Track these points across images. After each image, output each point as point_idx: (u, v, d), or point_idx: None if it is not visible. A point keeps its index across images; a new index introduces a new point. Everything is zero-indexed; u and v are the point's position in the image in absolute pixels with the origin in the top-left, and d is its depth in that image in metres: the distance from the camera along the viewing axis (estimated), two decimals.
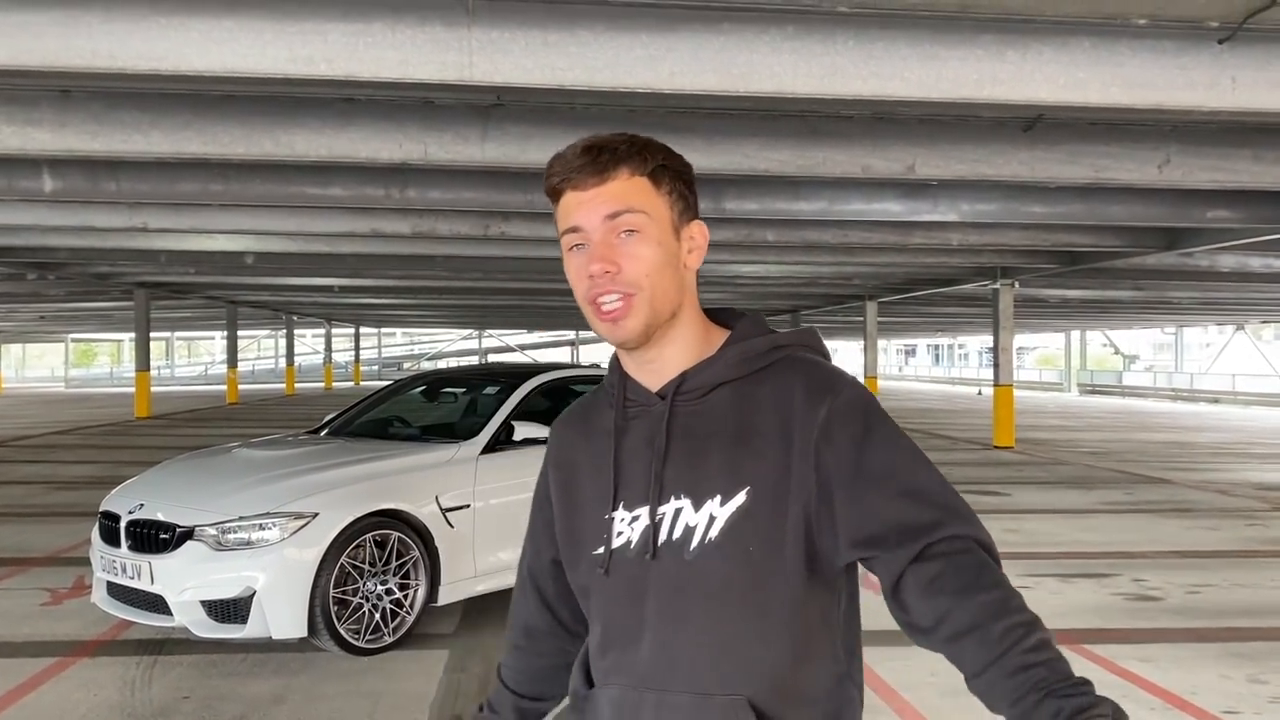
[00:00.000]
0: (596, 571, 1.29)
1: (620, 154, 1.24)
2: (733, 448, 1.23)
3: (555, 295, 24.65)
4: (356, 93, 6.49)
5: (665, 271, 1.24)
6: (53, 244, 13.81)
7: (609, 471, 1.30)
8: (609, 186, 1.23)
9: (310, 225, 11.13)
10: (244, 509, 4.86)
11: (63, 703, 4.34)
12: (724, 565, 1.20)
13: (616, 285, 1.22)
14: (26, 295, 23.82)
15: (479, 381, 7.37)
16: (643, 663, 1.24)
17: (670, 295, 1.25)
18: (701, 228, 1.31)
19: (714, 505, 1.22)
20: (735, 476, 1.22)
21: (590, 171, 1.23)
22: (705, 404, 1.26)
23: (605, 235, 1.23)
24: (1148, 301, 23.93)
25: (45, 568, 6.92)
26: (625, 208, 1.22)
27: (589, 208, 1.23)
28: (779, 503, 1.20)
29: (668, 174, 1.26)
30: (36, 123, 6.47)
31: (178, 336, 58.33)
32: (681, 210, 1.28)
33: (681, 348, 1.29)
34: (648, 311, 1.23)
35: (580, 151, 1.24)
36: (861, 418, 1.22)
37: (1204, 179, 7.46)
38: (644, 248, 1.23)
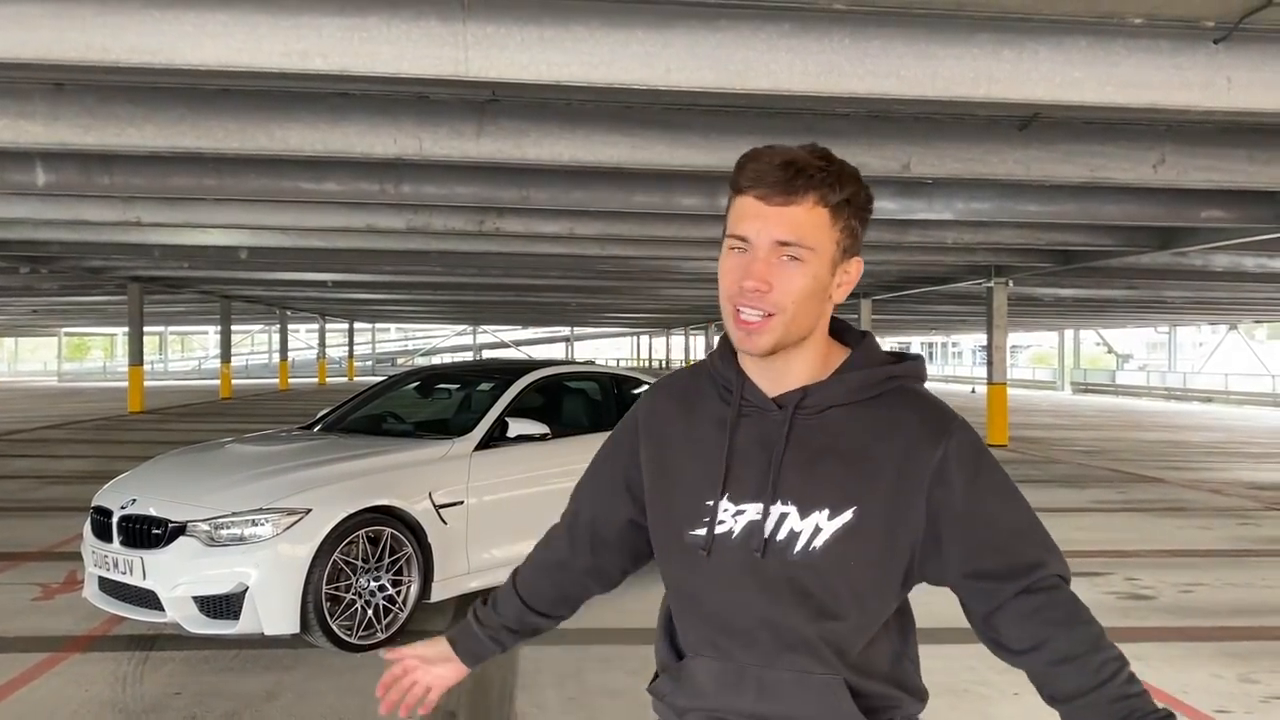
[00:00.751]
0: (693, 553, 1.38)
1: (814, 180, 1.28)
2: (844, 468, 1.32)
3: (550, 291, 24.65)
4: (351, 87, 6.47)
5: (811, 301, 1.31)
6: (45, 238, 13.77)
7: (718, 463, 1.38)
8: (791, 211, 1.28)
9: (304, 220, 11.10)
10: (237, 504, 4.85)
11: (54, 698, 4.33)
12: (826, 572, 1.31)
13: (763, 303, 1.29)
14: (19, 289, 23.75)
15: (473, 378, 7.36)
16: (741, 640, 1.37)
17: (808, 322, 1.33)
18: (859, 264, 1.37)
19: (820, 517, 1.32)
20: (845, 495, 1.32)
21: (780, 189, 1.28)
22: (821, 420, 1.35)
23: (769, 254, 1.29)
24: (1141, 301, 23.99)
25: (37, 562, 6.90)
26: (797, 240, 1.28)
27: (764, 225, 1.29)
28: (886, 528, 1.31)
29: (848, 210, 1.31)
30: (29, 116, 6.44)
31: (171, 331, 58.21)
32: (847, 247, 1.34)
33: (804, 363, 1.37)
34: (782, 333, 1.31)
35: (778, 165, 1.28)
36: (973, 462, 1.33)
37: (1199, 179, 7.47)
38: (800, 277, 1.29)
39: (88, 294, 26.08)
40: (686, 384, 1.50)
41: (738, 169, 1.32)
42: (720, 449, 1.38)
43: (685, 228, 11.33)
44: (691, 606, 1.42)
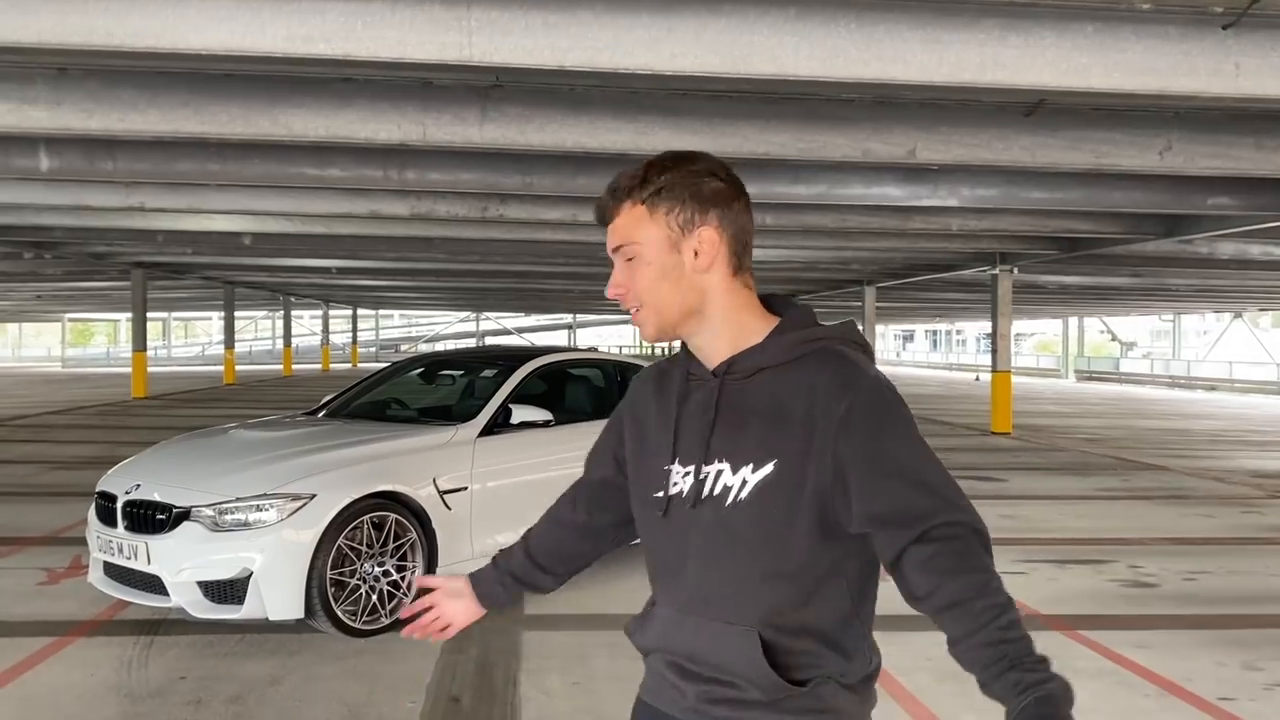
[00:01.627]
0: (655, 513, 1.55)
1: (622, 190, 1.50)
2: (766, 425, 1.44)
3: (553, 279, 24.63)
4: (355, 73, 6.45)
5: (663, 284, 1.48)
6: (49, 223, 13.77)
7: (671, 431, 1.54)
8: (614, 223, 1.51)
9: (308, 206, 11.09)
10: (241, 490, 4.85)
11: (59, 682, 4.34)
12: (748, 521, 1.44)
13: (629, 300, 1.52)
14: (23, 274, 23.77)
15: (477, 364, 7.36)
16: (685, 591, 1.52)
17: (675, 302, 1.49)
18: (709, 232, 1.48)
19: (747, 471, 1.44)
20: (766, 450, 1.43)
21: (603, 213, 1.53)
22: (749, 384, 1.47)
23: (618, 262, 1.52)
24: (1146, 288, 23.93)
25: (42, 547, 6.92)
26: (622, 241, 1.50)
27: (608, 240, 1.53)
28: (799, 477, 1.41)
29: (664, 197, 1.47)
30: (32, 101, 6.43)
31: (175, 317, 58.25)
32: (684, 223, 1.47)
33: (712, 337, 1.51)
34: (657, 318, 1.50)
35: (605, 191, 1.53)
36: (878, 414, 1.40)
37: (1205, 165, 7.44)
38: (642, 269, 1.49)
39: (91, 279, 26.09)
40: (664, 369, 1.65)
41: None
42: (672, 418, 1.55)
43: None
44: (652, 560, 1.60)
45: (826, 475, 1.40)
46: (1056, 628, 5.30)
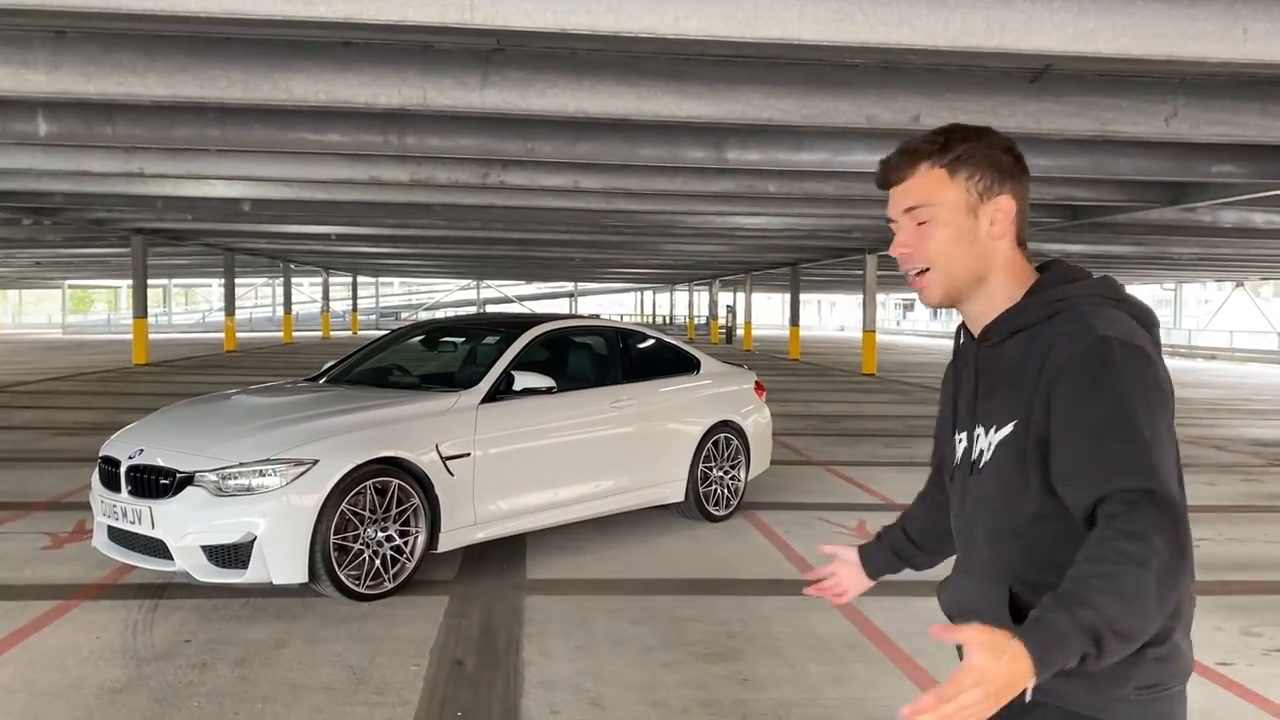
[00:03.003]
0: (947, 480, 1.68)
1: (921, 152, 1.52)
2: (1007, 386, 1.48)
3: (554, 246, 24.56)
4: (355, 36, 6.39)
5: (957, 248, 1.51)
6: (48, 188, 13.72)
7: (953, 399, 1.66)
8: (907, 183, 1.53)
9: (308, 172, 11.04)
10: (244, 455, 4.86)
11: (65, 645, 4.37)
12: (991, 482, 1.51)
13: (914, 262, 1.54)
14: (23, 240, 23.72)
15: (478, 331, 7.36)
16: (964, 553, 1.63)
17: (966, 266, 1.52)
18: (1008, 200, 1.51)
19: (994, 434, 1.50)
20: (1008, 410, 1.47)
21: (895, 173, 1.55)
22: (1002, 349, 1.51)
23: (905, 222, 1.55)
24: (1148, 257, 23.88)
25: (45, 512, 6.95)
26: (918, 202, 1.52)
27: (894, 201, 1.56)
28: (1024, 432, 1.44)
29: (969, 163, 1.49)
30: (31, 64, 6.38)
31: (175, 284, 58.19)
32: (982, 191, 1.50)
33: (988, 305, 1.54)
34: (944, 281, 1.53)
35: (897, 153, 1.55)
36: (1090, 371, 1.37)
37: (1211, 132, 7.39)
38: (935, 230, 1.51)
39: (91, 246, 26.04)
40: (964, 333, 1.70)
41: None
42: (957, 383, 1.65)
43: (691, 181, 11.26)
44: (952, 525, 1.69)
45: (1044, 426, 1.41)
46: None
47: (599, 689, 4.00)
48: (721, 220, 16.28)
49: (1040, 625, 1.21)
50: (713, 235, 19.76)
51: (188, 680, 4.00)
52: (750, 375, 7.66)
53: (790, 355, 28.60)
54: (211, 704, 3.78)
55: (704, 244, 22.77)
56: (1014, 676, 1.17)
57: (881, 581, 1.96)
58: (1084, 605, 1.21)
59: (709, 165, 9.35)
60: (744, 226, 17.22)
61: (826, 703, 3.92)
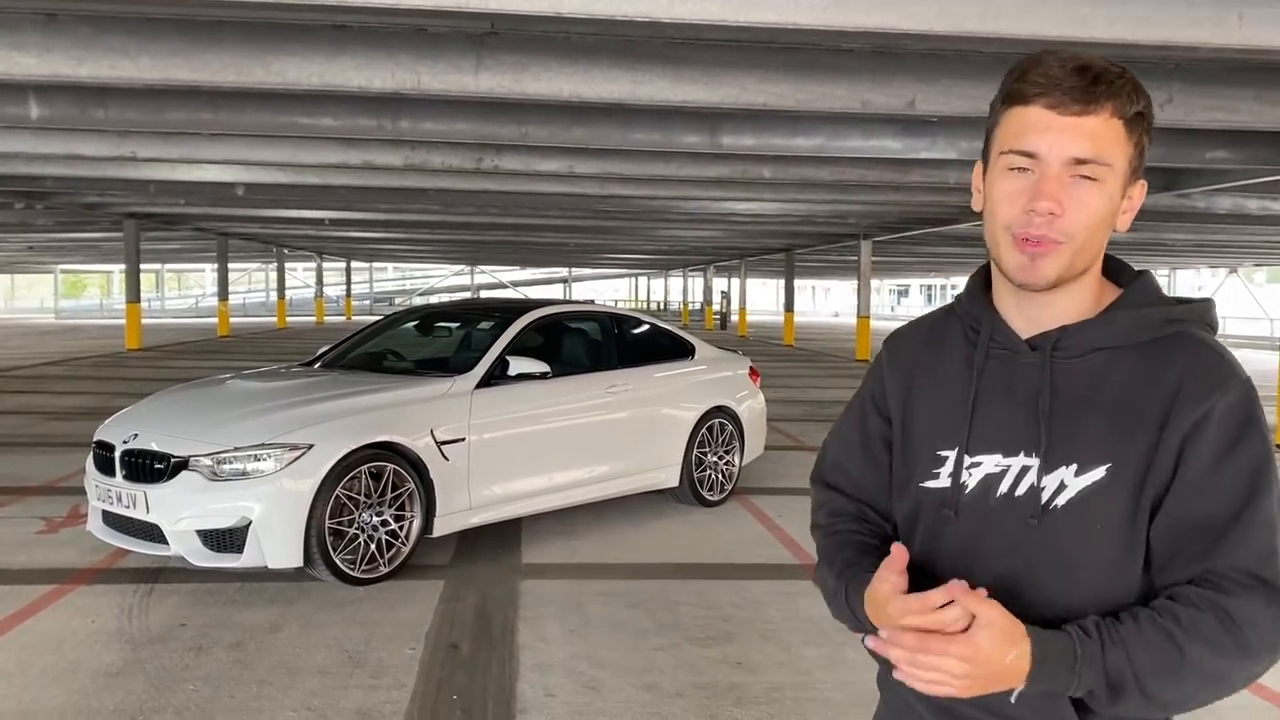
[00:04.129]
0: (928, 505, 1.28)
1: (1114, 88, 1.14)
2: (1103, 420, 1.18)
3: (548, 231, 24.51)
4: (348, 19, 6.36)
5: (1102, 229, 1.18)
6: (40, 172, 13.63)
7: (960, 408, 1.26)
8: (1088, 122, 1.14)
9: (301, 156, 10.99)
10: (239, 440, 4.87)
11: (61, 629, 4.38)
12: (1067, 537, 1.18)
13: (1053, 230, 1.15)
14: (15, 225, 23.59)
15: (473, 316, 7.36)
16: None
17: (1094, 251, 1.20)
18: (1143, 189, 1.23)
19: (1067, 473, 1.18)
20: (1099, 451, 1.17)
21: (1078, 96, 1.13)
22: (1080, 365, 1.21)
23: (1061, 173, 1.14)
24: (1142, 243, 23.90)
25: (40, 496, 6.95)
26: (1095, 156, 1.14)
27: (1059, 139, 1.14)
28: (1138, 490, 1.16)
29: (1142, 124, 1.18)
30: (22, 47, 6.33)
31: (168, 269, 57.93)
32: (1137, 167, 1.20)
33: (1071, 302, 1.23)
34: (1068, 263, 1.17)
35: (1072, 70, 1.14)
36: (1238, 425, 1.15)
37: (1205, 118, 7.39)
38: (1096, 197, 1.15)
39: (83, 230, 25.90)
40: (937, 325, 1.38)
41: (1019, 74, 1.17)
42: (963, 394, 1.26)
43: (685, 166, 11.23)
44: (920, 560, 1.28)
45: (1163, 485, 1.15)
46: None
47: (594, 672, 4.02)
48: (716, 205, 16.24)
49: (1061, 640, 1.09)
50: (707, 220, 19.73)
51: (183, 664, 4.02)
52: (745, 361, 7.68)
53: (785, 341, 28.63)
54: (207, 687, 3.79)
55: (699, 229, 22.74)
56: (1008, 674, 1.07)
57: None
58: (1120, 648, 1.09)
59: (704, 150, 9.31)
60: (739, 212, 17.19)
61: (820, 685, 3.95)
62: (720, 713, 3.69)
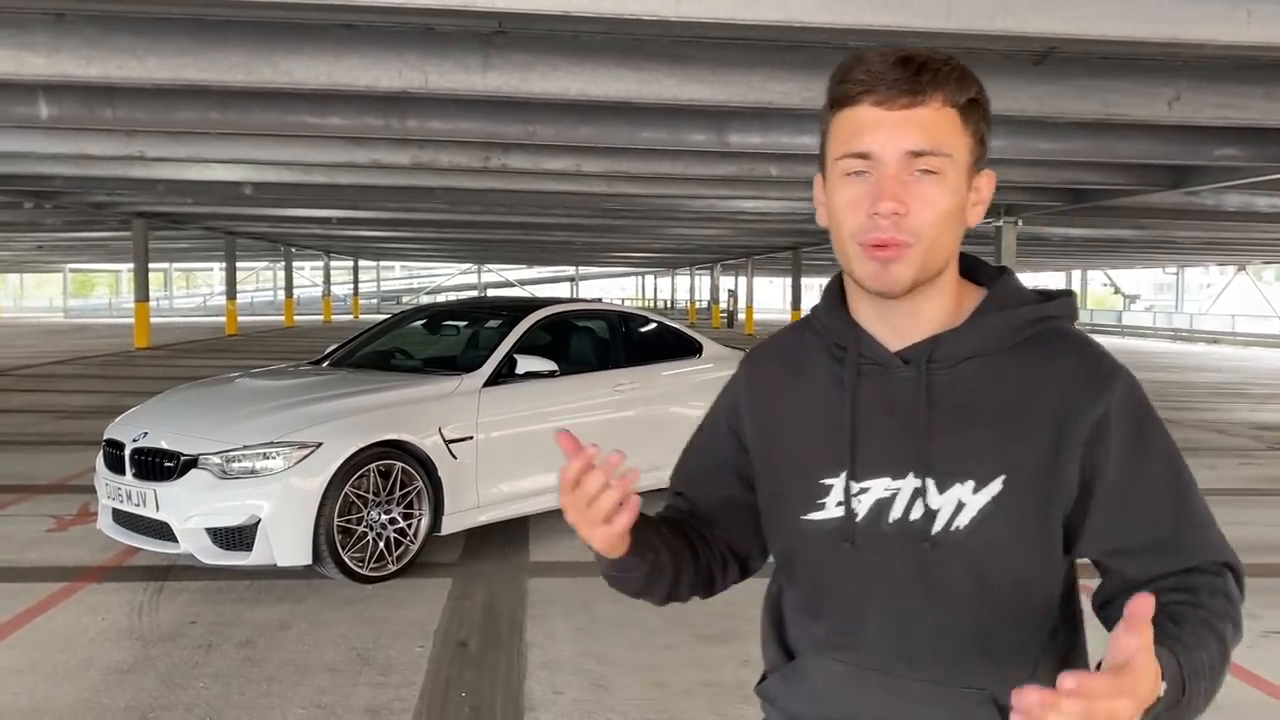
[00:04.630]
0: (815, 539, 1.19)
1: (941, 76, 1.08)
2: (991, 430, 1.12)
3: (555, 230, 24.53)
4: (356, 19, 6.37)
5: (950, 224, 1.10)
6: (49, 172, 13.70)
7: (839, 433, 1.17)
8: (919, 113, 1.07)
9: (309, 155, 11.02)
10: (248, 438, 4.88)
11: (72, 627, 4.40)
12: (971, 558, 1.11)
13: (900, 231, 1.07)
14: (24, 224, 23.69)
15: (481, 315, 7.36)
16: (869, 643, 1.17)
17: (946, 251, 1.12)
18: (991, 179, 1.16)
19: (963, 490, 1.11)
20: (991, 463, 1.11)
21: (904, 89, 1.07)
22: (956, 375, 1.14)
23: (900, 170, 1.07)
24: (1150, 241, 23.84)
25: (49, 495, 6.97)
26: (932, 147, 1.07)
27: (890, 134, 1.07)
28: (1040, 497, 1.11)
29: (978, 111, 1.11)
30: (31, 47, 6.36)
31: (176, 268, 58.13)
32: (979, 156, 1.13)
33: (935, 307, 1.16)
34: (921, 264, 1.09)
35: (895, 63, 1.07)
36: (1137, 420, 1.13)
37: (1214, 115, 7.37)
38: (940, 193, 1.08)
39: (92, 230, 25.99)
40: (793, 346, 1.28)
41: (842, 75, 1.10)
42: (838, 417, 1.17)
43: (693, 165, 11.23)
44: (807, 599, 1.24)
45: (1071, 494, 1.11)
46: None
47: (602, 670, 4.03)
48: (723, 204, 16.24)
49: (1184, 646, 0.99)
50: (714, 219, 19.72)
51: (193, 661, 4.03)
52: None
53: None
54: (217, 685, 3.81)
55: (705, 228, 22.73)
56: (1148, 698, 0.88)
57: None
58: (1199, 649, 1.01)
59: (711, 148, 9.32)
60: (746, 210, 17.18)
61: None
62: (728, 710, 3.69)
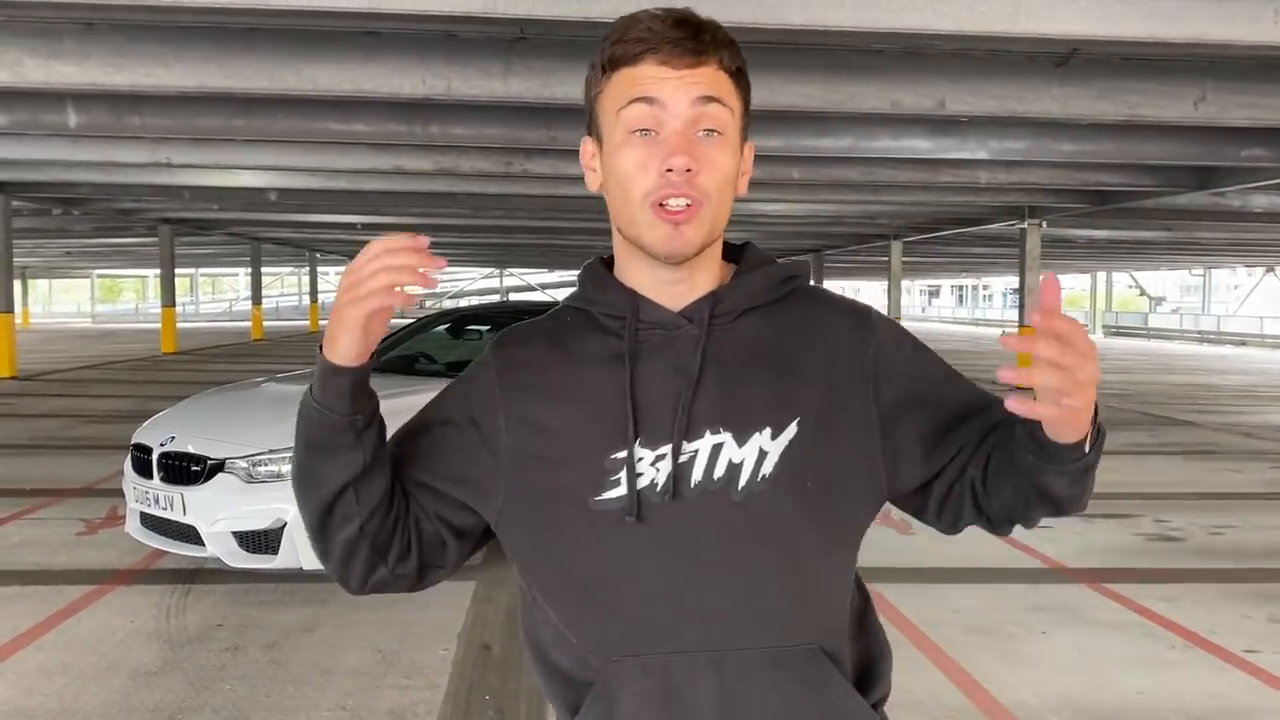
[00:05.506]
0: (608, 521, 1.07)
1: (719, 38, 1.06)
2: (777, 376, 1.11)
3: (577, 234, 24.58)
4: (379, 26, 6.43)
5: (729, 187, 1.09)
6: (77, 179, 13.87)
7: (622, 403, 1.08)
8: (701, 72, 1.04)
9: (333, 161, 11.11)
10: (274, 442, 4.92)
11: (101, 629, 4.45)
12: (782, 504, 1.07)
13: (691, 190, 1.04)
14: (53, 231, 23.98)
15: (502, 319, 7.39)
16: (683, 625, 1.06)
17: (727, 214, 1.10)
18: (752, 150, 1.15)
19: (763, 439, 1.08)
20: (784, 407, 1.09)
21: (686, 49, 1.04)
22: (736, 329, 1.12)
23: (687, 127, 1.04)
24: (1176, 242, 23.62)
25: (79, 498, 7.05)
26: (717, 94, 1.04)
27: (678, 85, 1.03)
28: (833, 431, 1.10)
29: (745, 82, 1.10)
30: (60, 56, 6.45)
31: (202, 273, 58.64)
32: (744, 126, 1.11)
33: (709, 272, 1.15)
34: (709, 227, 1.07)
35: (674, 24, 1.05)
36: (904, 339, 1.20)
37: (1240, 116, 7.31)
38: (723, 154, 1.06)
39: (119, 236, 26.29)
40: (554, 328, 1.21)
41: (618, 37, 1.08)
42: (619, 386, 1.09)
43: None
44: (600, 598, 1.09)
45: (874, 424, 1.12)
46: (1083, 581, 5.32)
47: None
48: (744, 206, 16.23)
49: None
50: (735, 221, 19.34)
51: (220, 663, 4.07)
52: None
53: None
54: (244, 687, 3.84)
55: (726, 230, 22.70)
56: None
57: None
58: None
59: None
60: (767, 213, 17.16)
61: None
62: None
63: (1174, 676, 4.05)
